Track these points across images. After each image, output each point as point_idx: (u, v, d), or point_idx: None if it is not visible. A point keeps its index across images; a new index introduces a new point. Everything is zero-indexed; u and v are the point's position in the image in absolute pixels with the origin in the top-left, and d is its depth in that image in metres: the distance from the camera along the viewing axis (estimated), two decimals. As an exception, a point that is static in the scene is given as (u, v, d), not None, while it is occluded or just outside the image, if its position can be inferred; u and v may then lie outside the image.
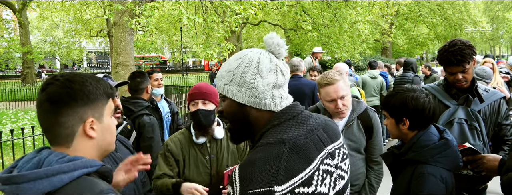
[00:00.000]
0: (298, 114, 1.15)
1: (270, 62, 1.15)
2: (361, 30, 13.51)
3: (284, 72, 1.18)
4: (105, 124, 1.10)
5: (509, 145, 2.44)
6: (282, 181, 0.97)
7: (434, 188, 1.62)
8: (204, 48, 7.43)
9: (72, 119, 1.02)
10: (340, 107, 2.28)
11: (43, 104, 1.01)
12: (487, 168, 1.83)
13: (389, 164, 1.89)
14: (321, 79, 2.35)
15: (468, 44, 2.24)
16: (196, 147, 2.29)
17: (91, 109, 1.04)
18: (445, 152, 1.70)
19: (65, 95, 1.00)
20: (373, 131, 2.48)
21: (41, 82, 24.17)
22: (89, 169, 0.99)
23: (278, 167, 0.99)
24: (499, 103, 2.41)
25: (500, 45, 51.34)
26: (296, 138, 1.07)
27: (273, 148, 1.04)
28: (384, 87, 7.19)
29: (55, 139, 1.03)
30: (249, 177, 0.99)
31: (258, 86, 1.13)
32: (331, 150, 1.15)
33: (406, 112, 1.76)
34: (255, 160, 1.02)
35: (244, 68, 1.14)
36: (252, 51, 1.19)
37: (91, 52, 52.27)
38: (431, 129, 1.80)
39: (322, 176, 1.07)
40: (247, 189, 0.97)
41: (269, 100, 1.14)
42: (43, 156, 0.98)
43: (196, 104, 2.25)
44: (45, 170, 0.92)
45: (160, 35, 30.91)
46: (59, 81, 1.02)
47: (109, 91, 1.11)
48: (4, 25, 23.80)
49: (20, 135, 5.01)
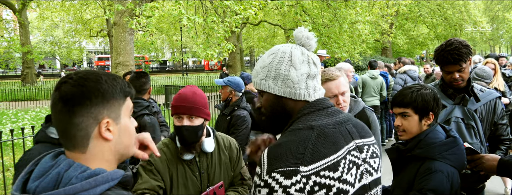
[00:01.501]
0: (328, 107, 1.21)
1: (302, 54, 1.21)
2: (361, 30, 13.53)
3: (316, 63, 1.23)
4: (123, 125, 1.02)
5: (506, 145, 2.46)
6: (308, 162, 1.02)
7: (440, 184, 1.62)
8: (204, 48, 7.44)
9: (87, 120, 0.94)
10: (342, 102, 2.29)
11: (57, 104, 0.94)
12: (486, 167, 1.84)
13: (393, 159, 1.89)
14: (322, 75, 2.35)
15: (465, 43, 2.28)
16: (184, 162, 2.01)
17: (106, 108, 0.97)
18: (453, 149, 1.72)
19: (78, 94, 0.93)
20: (370, 130, 2.48)
21: (40, 82, 24.18)
22: (111, 183, 0.93)
23: (305, 149, 1.04)
24: (495, 103, 2.44)
25: (500, 45, 51.33)
26: (324, 125, 1.12)
27: (301, 133, 1.09)
28: (384, 88, 7.18)
29: (70, 142, 0.96)
30: (277, 156, 1.04)
31: (293, 77, 1.18)
32: (359, 144, 1.18)
33: (433, 106, 1.81)
34: (284, 142, 1.08)
35: (278, 62, 1.20)
36: (284, 46, 1.24)
37: (91, 52, 52.27)
38: (437, 127, 1.83)
39: (348, 165, 1.10)
40: (274, 168, 1.02)
41: (304, 90, 1.19)
42: (62, 169, 0.91)
43: (181, 119, 1.96)
44: (66, 190, 0.86)
45: (160, 35, 30.92)
46: (73, 79, 0.95)
47: (127, 90, 1.03)
48: (4, 25, 23.82)
49: (20, 135, 5.02)
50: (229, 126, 3.60)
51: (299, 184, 1.00)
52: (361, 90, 6.98)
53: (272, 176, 1.01)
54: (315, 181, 1.02)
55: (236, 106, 3.69)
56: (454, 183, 1.66)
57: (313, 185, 1.01)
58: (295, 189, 1.00)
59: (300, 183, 1.00)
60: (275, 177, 1.01)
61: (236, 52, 25.67)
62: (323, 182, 1.03)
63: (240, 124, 3.57)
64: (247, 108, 3.78)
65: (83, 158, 0.96)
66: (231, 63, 27.08)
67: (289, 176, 1.00)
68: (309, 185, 1.01)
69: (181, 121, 1.96)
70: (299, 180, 1.00)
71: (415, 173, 1.72)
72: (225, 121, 3.67)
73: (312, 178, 1.01)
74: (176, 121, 1.98)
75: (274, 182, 1.01)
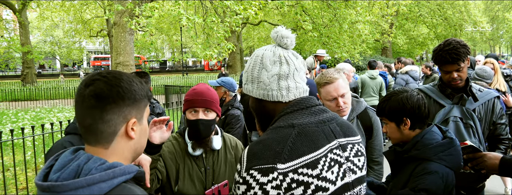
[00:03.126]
0: (313, 106, 1.21)
1: (274, 55, 1.22)
2: (361, 30, 13.53)
3: (289, 62, 1.22)
4: (144, 126, 1.08)
5: (505, 144, 2.47)
6: (286, 159, 1.04)
7: (433, 185, 1.63)
8: (204, 48, 7.44)
9: (117, 118, 0.99)
10: (342, 105, 2.28)
11: (88, 99, 0.98)
12: (488, 166, 1.84)
13: (391, 161, 1.90)
14: (320, 79, 2.35)
15: (463, 43, 2.29)
16: (191, 157, 2.07)
17: (135, 109, 1.03)
18: (449, 150, 1.72)
19: (114, 93, 0.98)
20: (372, 130, 2.48)
21: (60, 81, 24.15)
22: (127, 176, 0.97)
23: (283, 146, 1.06)
24: (493, 102, 2.44)
25: (500, 45, 51.34)
26: (306, 124, 1.13)
27: (282, 131, 1.11)
28: (383, 88, 7.17)
29: (95, 137, 1.00)
30: (255, 154, 1.06)
31: (264, 79, 1.21)
32: (343, 143, 1.19)
33: (405, 111, 1.79)
34: (263, 140, 1.10)
35: (253, 65, 1.24)
36: (260, 49, 1.27)
37: (91, 52, 52.28)
38: (434, 128, 1.83)
39: (329, 163, 1.11)
40: (252, 165, 1.04)
41: (276, 91, 1.20)
42: (82, 161, 0.96)
43: (197, 113, 2.00)
44: (86, 179, 0.91)
45: (160, 35, 30.92)
46: (107, 78, 1.00)
47: (150, 94, 1.10)
48: (4, 25, 23.84)
49: (20, 135, 5.02)
50: (223, 125, 3.65)
51: (275, 181, 1.02)
52: (361, 90, 6.98)
53: (250, 173, 1.04)
54: (293, 178, 1.03)
55: (230, 106, 3.77)
56: (448, 183, 1.67)
57: (290, 182, 1.03)
58: (272, 186, 1.02)
59: (277, 180, 1.02)
60: (253, 174, 1.03)
61: (236, 52, 25.67)
62: (301, 179, 1.04)
63: (235, 123, 3.64)
64: (241, 107, 3.87)
65: (104, 153, 1.01)
66: (231, 63, 27.08)
67: (266, 173, 1.02)
68: (286, 182, 1.02)
69: (196, 114, 2.00)
70: (276, 177, 1.02)
71: (411, 173, 1.73)
72: (220, 121, 3.71)
73: (290, 175, 1.03)
74: (191, 116, 2.01)
75: (252, 179, 1.03)
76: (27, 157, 5.79)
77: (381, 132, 2.55)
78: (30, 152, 6.26)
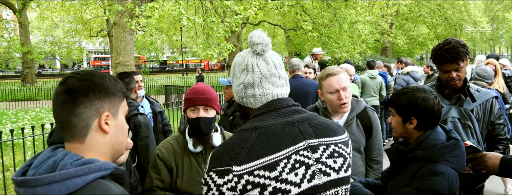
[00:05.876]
0: (283, 107, 1.20)
1: (243, 63, 1.24)
2: (361, 30, 13.52)
3: (255, 70, 1.21)
4: (120, 121, 1.10)
5: (504, 144, 2.47)
6: (242, 162, 1.06)
7: (439, 186, 1.63)
8: (204, 48, 7.44)
9: (89, 111, 1.01)
10: (343, 98, 2.28)
11: (60, 95, 1.01)
12: (488, 166, 1.84)
13: (392, 159, 1.89)
14: (323, 72, 2.36)
15: (462, 43, 2.30)
16: (192, 154, 2.13)
17: (107, 103, 1.05)
18: (455, 151, 1.71)
19: (84, 87, 1.01)
20: (372, 130, 2.48)
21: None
22: (103, 172, 0.98)
23: (241, 149, 1.08)
24: (491, 102, 2.44)
25: (500, 45, 51.33)
26: (269, 126, 1.14)
27: (244, 133, 1.14)
28: (383, 87, 7.19)
29: (70, 132, 1.02)
30: (216, 156, 1.10)
31: (234, 87, 1.27)
32: (314, 144, 1.16)
33: (415, 111, 1.75)
34: (226, 142, 1.15)
35: (232, 72, 1.30)
36: (238, 54, 1.29)
37: (91, 52, 52.25)
38: (438, 128, 1.81)
39: (292, 165, 1.10)
40: (212, 167, 1.08)
41: (245, 99, 1.24)
42: (59, 157, 0.97)
43: (197, 110, 2.06)
44: (60, 174, 0.92)
45: (160, 35, 30.90)
46: (79, 74, 1.04)
47: (125, 91, 1.13)
48: (4, 25, 23.82)
49: (20, 135, 5.02)
50: (231, 126, 3.62)
51: (230, 183, 1.04)
52: (361, 90, 6.99)
53: (210, 175, 1.07)
54: (248, 180, 1.04)
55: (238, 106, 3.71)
56: (452, 184, 1.67)
57: (245, 184, 1.04)
58: (227, 188, 1.04)
59: (232, 182, 1.04)
60: (211, 176, 1.07)
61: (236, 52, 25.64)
62: (257, 181, 1.05)
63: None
64: None
65: (81, 148, 1.02)
66: (231, 63, 27.05)
67: (222, 175, 1.05)
68: (241, 184, 1.04)
69: (197, 112, 2.06)
70: (231, 179, 1.04)
71: (414, 173, 1.72)
72: (227, 121, 3.69)
73: (245, 177, 1.05)
74: (192, 114, 2.07)
75: (211, 181, 1.06)
76: (27, 157, 5.79)
77: (380, 131, 2.56)
78: (30, 152, 6.27)
